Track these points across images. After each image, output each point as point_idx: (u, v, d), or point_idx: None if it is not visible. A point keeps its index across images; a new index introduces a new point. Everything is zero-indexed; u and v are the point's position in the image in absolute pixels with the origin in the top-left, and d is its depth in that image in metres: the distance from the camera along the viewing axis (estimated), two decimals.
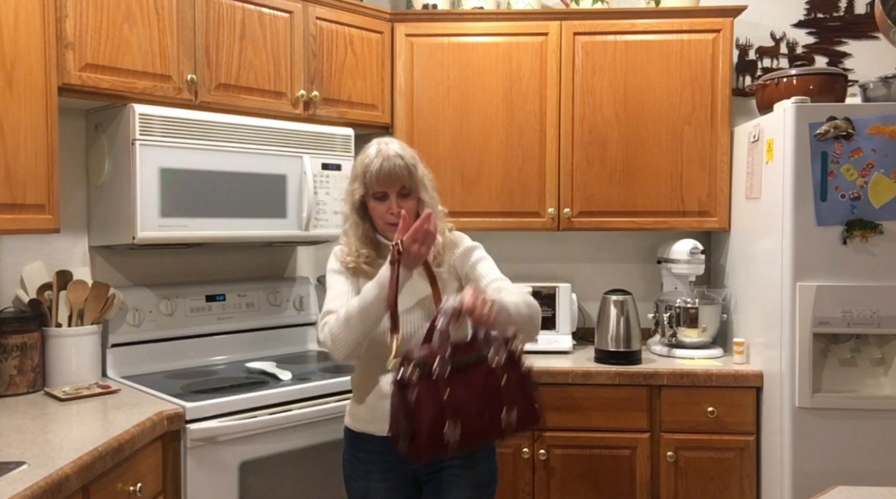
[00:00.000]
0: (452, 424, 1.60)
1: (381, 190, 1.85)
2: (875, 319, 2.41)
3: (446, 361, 1.63)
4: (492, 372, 1.67)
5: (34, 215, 2.01)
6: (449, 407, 1.61)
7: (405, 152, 1.88)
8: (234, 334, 2.77)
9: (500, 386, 1.67)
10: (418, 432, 1.60)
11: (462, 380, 1.64)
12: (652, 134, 2.92)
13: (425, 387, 1.61)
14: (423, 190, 1.90)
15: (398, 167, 1.83)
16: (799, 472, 2.43)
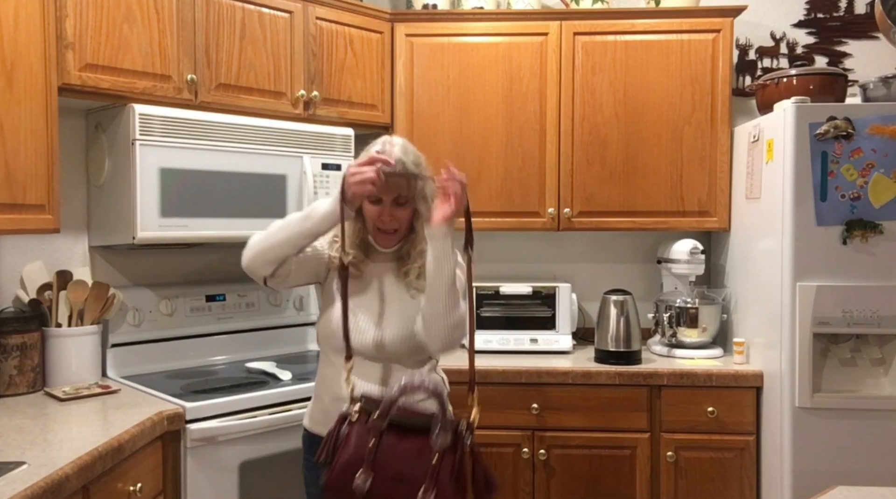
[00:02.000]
0: (365, 474, 1.58)
1: (376, 194, 1.78)
2: (875, 319, 2.41)
3: (385, 414, 1.62)
4: (427, 447, 1.60)
5: (34, 215, 2.01)
6: (369, 457, 1.59)
7: (409, 159, 1.78)
8: (234, 334, 2.77)
9: (429, 464, 1.59)
10: (331, 469, 1.60)
11: (395, 440, 1.61)
12: (652, 134, 2.92)
13: (358, 429, 1.62)
14: (422, 203, 1.81)
15: (398, 176, 1.76)
16: (799, 472, 2.43)
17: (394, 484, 1.58)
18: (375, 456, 1.59)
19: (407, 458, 1.60)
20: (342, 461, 1.59)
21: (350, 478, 1.57)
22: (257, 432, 2.19)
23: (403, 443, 1.61)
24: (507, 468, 2.68)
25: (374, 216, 1.82)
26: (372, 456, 1.58)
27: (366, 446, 1.59)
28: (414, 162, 1.80)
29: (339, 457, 1.60)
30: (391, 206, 1.79)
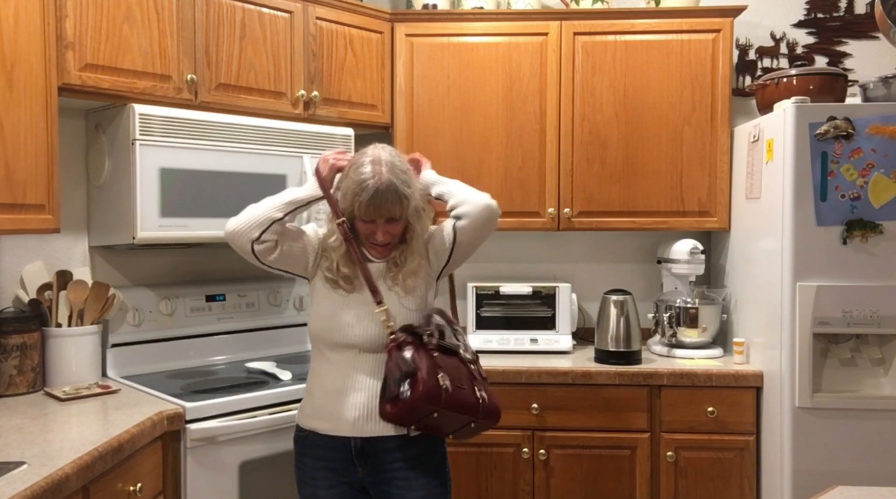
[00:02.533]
0: (444, 377, 1.78)
1: (369, 218, 1.82)
2: (875, 319, 2.41)
3: (433, 335, 1.83)
4: (464, 361, 1.87)
5: (34, 215, 2.01)
6: (441, 364, 1.79)
7: (398, 178, 1.80)
8: (234, 334, 2.77)
9: (469, 371, 1.87)
10: (420, 373, 1.74)
11: (442, 358, 1.82)
12: (652, 134, 2.92)
13: (418, 349, 1.79)
14: (414, 218, 1.88)
15: (389, 200, 1.79)
16: (799, 472, 2.43)
17: (460, 385, 1.81)
18: (443, 366, 1.79)
19: (457, 368, 1.83)
20: (427, 368, 1.75)
21: (436, 381, 1.75)
22: (257, 432, 2.19)
23: (448, 359, 1.83)
24: (507, 468, 2.68)
25: (367, 233, 1.87)
26: (441, 363, 1.79)
27: (432, 358, 1.79)
28: (403, 180, 1.83)
29: (423, 366, 1.75)
30: (385, 225, 1.84)
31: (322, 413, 1.88)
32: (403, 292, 1.89)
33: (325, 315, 1.89)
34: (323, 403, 1.88)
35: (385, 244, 1.88)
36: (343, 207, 1.87)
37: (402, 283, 1.89)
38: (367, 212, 1.81)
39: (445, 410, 1.77)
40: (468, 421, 1.84)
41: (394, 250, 1.92)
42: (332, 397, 1.86)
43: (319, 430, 1.88)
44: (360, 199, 1.79)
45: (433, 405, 1.75)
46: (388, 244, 1.88)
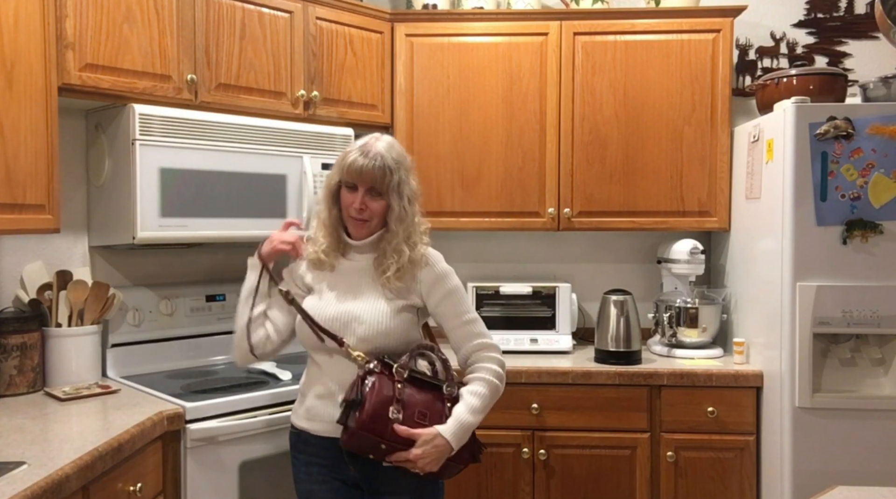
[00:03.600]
0: (396, 408, 1.75)
1: (351, 181, 1.86)
2: (875, 319, 2.41)
3: (406, 366, 1.81)
4: (441, 398, 1.83)
5: (34, 215, 2.01)
6: (398, 396, 1.77)
7: (389, 155, 1.86)
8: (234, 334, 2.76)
9: (444, 409, 1.81)
10: (365, 404, 1.73)
11: (414, 389, 1.80)
12: (652, 134, 2.92)
13: (383, 378, 1.78)
14: (395, 198, 1.86)
15: (373, 166, 1.83)
16: (799, 472, 2.43)
17: (420, 419, 1.77)
18: (403, 397, 1.77)
19: (426, 401, 1.80)
20: (376, 399, 1.74)
21: (385, 411, 1.73)
22: (257, 432, 2.19)
23: (421, 393, 1.81)
24: (507, 468, 2.68)
25: (348, 203, 1.88)
26: (401, 396, 1.77)
27: (393, 388, 1.77)
28: (395, 158, 1.87)
29: (371, 397, 1.74)
30: (365, 195, 1.85)
31: (311, 415, 1.91)
32: (393, 294, 1.87)
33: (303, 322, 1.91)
34: (312, 404, 1.91)
35: (362, 220, 1.87)
36: (331, 177, 1.92)
37: (393, 282, 1.86)
38: (349, 173, 1.84)
39: (391, 443, 1.74)
40: None
41: (378, 239, 1.90)
42: (321, 399, 1.88)
43: (310, 430, 1.91)
44: (349, 158, 1.85)
45: (376, 436, 1.73)
46: (366, 221, 1.87)
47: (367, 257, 1.92)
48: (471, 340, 1.90)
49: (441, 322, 1.93)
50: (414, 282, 1.89)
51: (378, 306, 1.87)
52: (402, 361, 1.81)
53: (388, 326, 1.85)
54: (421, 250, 1.90)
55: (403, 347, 1.87)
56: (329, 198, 1.93)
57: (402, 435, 1.74)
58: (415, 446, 1.74)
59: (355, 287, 1.90)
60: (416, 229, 1.91)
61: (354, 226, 1.90)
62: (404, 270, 1.87)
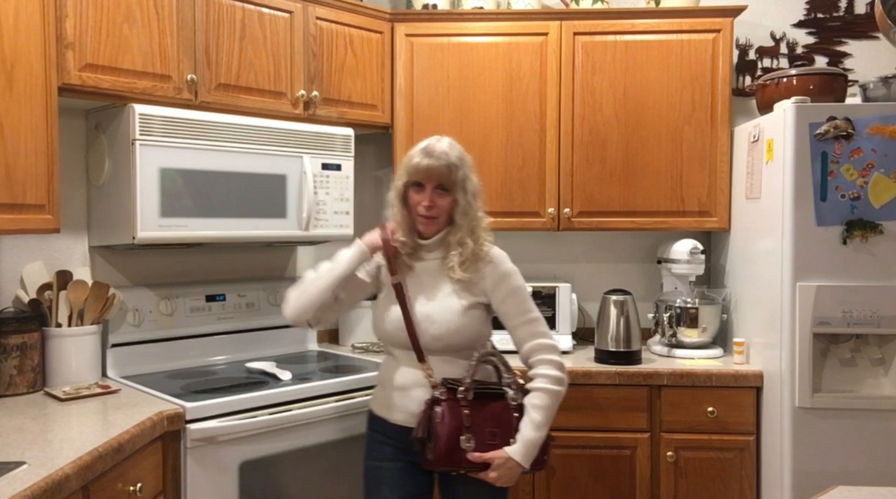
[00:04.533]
0: (467, 437, 1.86)
1: (419, 180, 1.95)
2: (875, 319, 2.41)
3: (469, 388, 1.89)
4: (508, 407, 1.92)
5: (34, 215, 2.01)
6: (467, 423, 1.87)
7: (452, 152, 1.96)
8: (234, 334, 2.77)
9: (511, 419, 1.91)
10: (438, 439, 1.85)
11: (481, 406, 1.90)
12: (652, 134, 2.92)
13: (449, 405, 1.87)
14: (461, 193, 1.96)
15: (439, 164, 1.93)
16: (799, 472, 2.43)
17: (491, 440, 1.88)
18: (472, 422, 1.87)
19: (494, 419, 1.90)
20: (447, 432, 1.85)
21: (457, 443, 1.85)
22: (257, 432, 2.19)
23: (488, 407, 1.90)
24: None
25: (416, 202, 1.97)
26: (469, 422, 1.87)
27: (461, 416, 1.86)
28: (458, 156, 1.98)
29: (441, 430, 1.85)
30: (432, 193, 1.94)
31: (388, 404, 2.02)
32: (460, 285, 1.96)
33: (386, 321, 2.02)
34: (389, 394, 2.02)
35: (430, 217, 1.96)
36: (398, 179, 2.01)
37: (458, 272, 1.95)
38: (417, 172, 1.94)
39: (468, 467, 1.88)
40: None
41: (445, 234, 1.99)
42: (397, 390, 2.00)
43: (387, 419, 2.02)
44: (414, 160, 1.95)
45: (453, 466, 1.89)
46: (434, 218, 1.97)
47: (436, 256, 2.02)
48: (532, 340, 1.97)
49: (504, 320, 2.01)
50: (479, 278, 1.98)
51: (448, 305, 1.96)
52: (466, 384, 1.89)
53: (458, 323, 1.95)
54: (486, 247, 1.99)
55: (475, 343, 1.98)
56: (398, 200, 2.02)
57: (476, 461, 1.87)
58: (490, 470, 1.87)
59: (427, 287, 2.00)
60: (480, 224, 2.00)
61: (423, 223, 1.98)
62: (469, 261, 1.96)
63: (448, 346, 1.95)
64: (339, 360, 2.84)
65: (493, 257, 2.00)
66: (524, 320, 1.98)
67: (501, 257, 2.02)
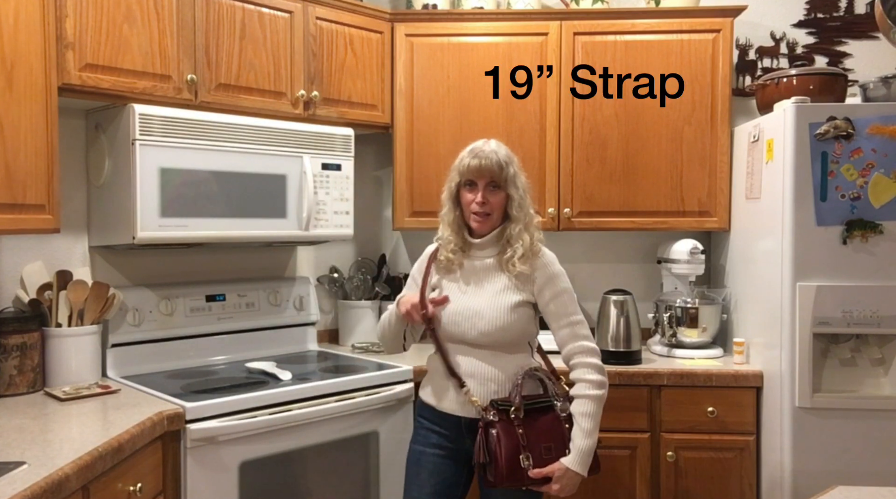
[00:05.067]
0: (525, 455, 1.92)
1: (471, 178, 2.01)
2: (875, 319, 2.41)
3: (520, 407, 1.94)
4: (558, 419, 1.98)
5: (34, 215, 2.01)
6: (523, 442, 1.92)
7: (501, 151, 2.04)
8: (234, 334, 2.77)
9: (563, 430, 1.96)
10: (498, 462, 1.91)
11: (533, 422, 1.95)
12: (652, 134, 2.92)
13: (504, 426, 1.93)
14: (513, 188, 2.03)
15: (490, 162, 1.99)
16: (799, 472, 2.43)
17: (547, 454, 1.94)
18: (527, 440, 1.92)
19: (547, 431, 1.96)
20: (506, 454, 1.91)
21: (517, 463, 1.91)
22: (257, 432, 2.19)
23: (539, 422, 1.96)
24: None
25: (469, 201, 2.03)
26: (525, 441, 1.92)
27: (516, 435, 1.92)
28: (506, 154, 2.05)
29: (500, 453, 1.91)
30: (485, 190, 2.01)
31: (436, 392, 2.07)
32: (515, 278, 2.01)
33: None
34: (438, 383, 2.07)
35: (484, 213, 2.01)
36: (450, 180, 2.07)
37: (517, 266, 1.99)
38: (469, 172, 2.00)
39: (530, 483, 1.94)
40: None
41: (501, 230, 2.05)
42: (446, 379, 2.04)
43: (436, 406, 2.07)
44: (465, 161, 2.02)
45: (517, 484, 1.94)
46: (488, 215, 2.02)
47: (488, 254, 2.06)
48: (574, 342, 2.02)
49: (549, 320, 2.06)
50: (531, 277, 2.03)
51: (497, 302, 2.00)
52: (516, 403, 1.94)
53: (505, 321, 1.99)
54: (538, 245, 2.05)
55: (521, 341, 2.03)
56: (450, 200, 2.08)
57: (537, 477, 1.92)
58: (552, 482, 1.93)
59: (478, 284, 2.05)
60: (532, 221, 2.06)
61: (477, 221, 2.03)
62: (528, 255, 2.01)
63: (495, 342, 2.00)
64: (339, 360, 2.84)
65: (545, 258, 2.06)
66: (568, 322, 2.03)
67: (552, 259, 2.08)
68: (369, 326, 3.11)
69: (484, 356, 2.01)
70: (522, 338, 2.04)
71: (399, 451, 2.56)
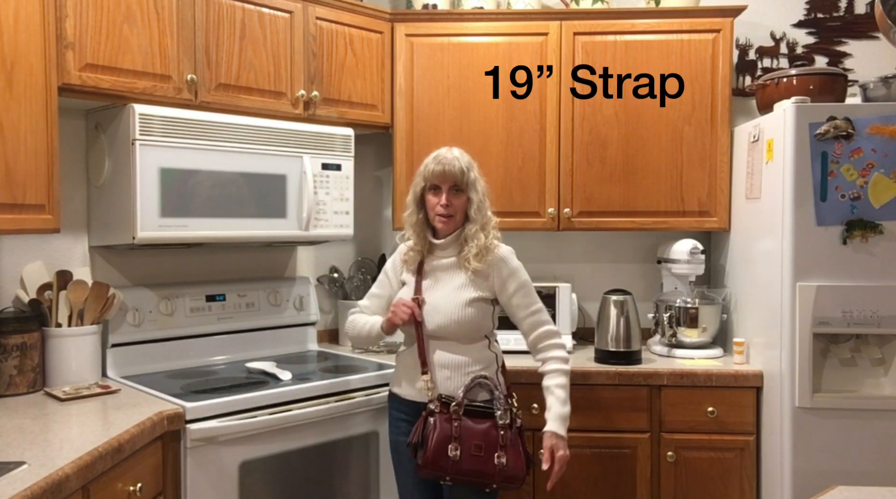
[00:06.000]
0: (454, 447, 2.05)
1: (436, 183, 2.16)
2: (875, 319, 2.41)
3: (461, 404, 2.09)
4: (495, 425, 2.10)
5: (34, 215, 2.01)
6: (455, 434, 2.06)
7: (463, 158, 2.19)
8: (234, 334, 2.77)
9: (497, 437, 2.09)
10: (428, 446, 2.05)
11: (470, 422, 2.09)
12: (652, 134, 2.92)
13: (442, 417, 2.08)
14: (473, 191, 2.18)
15: (453, 167, 2.15)
16: (799, 472, 2.43)
17: (476, 452, 2.07)
18: (460, 434, 2.06)
19: (481, 434, 2.09)
20: (436, 440, 2.05)
21: (444, 451, 2.05)
22: (257, 432, 2.19)
23: (476, 425, 2.09)
24: None
25: (434, 204, 2.17)
26: (458, 433, 2.06)
27: (451, 428, 2.06)
28: (468, 161, 2.20)
29: (432, 438, 2.05)
30: (448, 193, 2.15)
31: (400, 381, 2.25)
32: (472, 274, 2.15)
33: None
34: (401, 373, 2.26)
35: (448, 215, 2.16)
36: (415, 185, 2.22)
37: (472, 262, 2.13)
38: (434, 177, 2.15)
39: (454, 475, 2.06)
40: (485, 484, 2.10)
41: (461, 231, 2.19)
42: (408, 369, 2.21)
43: (400, 394, 2.24)
44: (430, 167, 2.17)
45: (440, 472, 2.07)
46: (451, 217, 2.17)
47: (449, 253, 2.21)
48: (538, 328, 2.21)
49: (511, 312, 2.23)
50: (488, 275, 2.17)
51: (453, 298, 2.15)
52: (459, 400, 2.09)
53: (460, 315, 2.14)
54: (495, 242, 2.19)
55: (476, 334, 2.18)
56: (415, 203, 2.22)
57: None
58: (557, 452, 2.13)
59: (438, 281, 2.20)
60: (490, 222, 2.20)
61: (441, 222, 2.18)
62: (482, 252, 2.15)
63: (451, 334, 2.15)
64: (339, 360, 2.84)
65: (502, 255, 2.19)
66: (530, 312, 2.21)
67: (508, 254, 2.21)
68: None
69: (442, 346, 2.16)
70: (478, 331, 2.19)
71: None
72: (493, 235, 2.19)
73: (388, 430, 2.31)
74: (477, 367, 2.16)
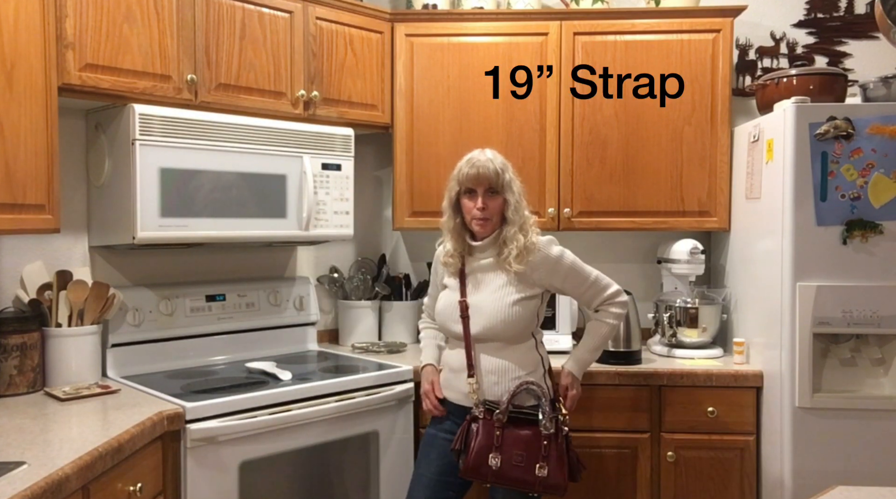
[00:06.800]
0: (495, 456, 2.04)
1: (471, 186, 2.14)
2: (875, 319, 2.41)
3: (505, 412, 2.06)
4: (539, 434, 2.07)
5: (34, 215, 2.01)
6: (497, 443, 2.05)
7: (496, 159, 2.17)
8: (234, 334, 2.77)
9: (540, 446, 2.05)
10: (469, 453, 2.05)
11: (513, 429, 2.07)
12: (652, 134, 2.92)
13: (485, 424, 2.06)
14: (509, 192, 2.15)
15: (487, 170, 2.13)
16: (799, 472, 2.43)
17: (517, 461, 2.05)
18: (502, 443, 2.04)
19: (524, 443, 2.06)
20: (478, 448, 2.04)
21: (485, 460, 2.04)
22: (257, 432, 2.19)
23: (520, 432, 2.07)
24: None
25: (470, 208, 2.15)
26: (500, 443, 2.04)
27: (493, 436, 2.05)
28: (502, 162, 2.18)
29: (474, 445, 2.04)
30: (484, 196, 2.14)
31: (447, 385, 2.23)
32: (514, 274, 2.12)
33: (439, 312, 2.25)
34: (447, 377, 2.23)
35: (484, 218, 2.14)
36: (450, 190, 2.20)
37: (513, 264, 2.10)
38: (468, 180, 2.14)
39: (494, 481, 2.07)
40: (526, 491, 2.09)
41: (498, 232, 2.17)
42: (455, 374, 2.19)
43: (449, 398, 2.22)
44: (464, 170, 2.15)
45: (480, 478, 2.08)
46: (488, 219, 2.14)
47: (488, 255, 2.18)
48: (599, 295, 2.22)
49: (571, 294, 2.24)
50: (532, 270, 2.13)
51: (497, 298, 2.13)
52: (503, 407, 2.06)
53: (506, 315, 2.11)
54: (533, 239, 2.15)
55: (522, 334, 2.15)
56: (451, 208, 2.21)
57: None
58: (569, 389, 2.22)
59: (480, 282, 2.18)
60: (528, 221, 2.17)
61: (478, 225, 2.16)
62: (523, 254, 2.11)
63: (497, 335, 2.12)
64: (339, 360, 2.84)
65: (540, 246, 2.15)
66: (585, 288, 2.21)
67: (547, 244, 2.17)
68: (369, 326, 3.11)
69: (486, 349, 2.14)
70: (525, 329, 2.15)
71: (399, 451, 2.56)
72: (532, 234, 2.16)
73: (430, 422, 2.28)
74: (523, 372, 2.13)
